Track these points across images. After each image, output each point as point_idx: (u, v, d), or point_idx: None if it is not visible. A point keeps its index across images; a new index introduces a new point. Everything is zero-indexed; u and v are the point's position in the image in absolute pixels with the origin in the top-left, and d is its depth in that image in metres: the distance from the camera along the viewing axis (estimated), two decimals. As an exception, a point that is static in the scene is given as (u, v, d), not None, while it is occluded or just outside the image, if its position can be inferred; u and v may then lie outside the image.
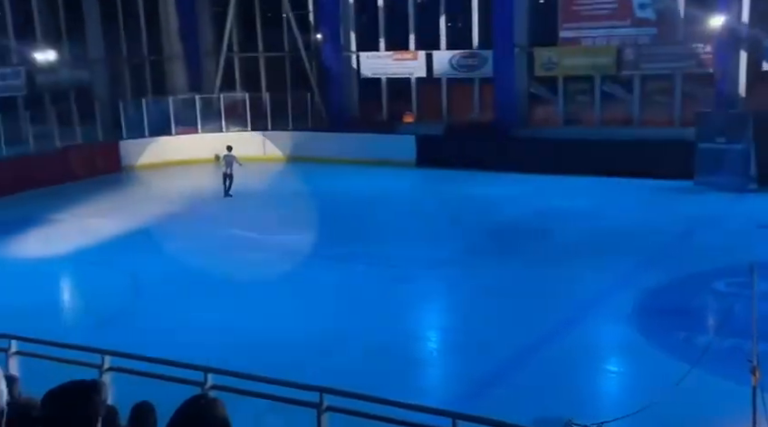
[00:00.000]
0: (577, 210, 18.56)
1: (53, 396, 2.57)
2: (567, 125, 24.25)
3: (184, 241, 16.71)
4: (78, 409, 2.58)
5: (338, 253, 15.55)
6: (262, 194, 21.37)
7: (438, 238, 16.63)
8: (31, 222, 18.61)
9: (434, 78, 25.82)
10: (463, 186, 21.39)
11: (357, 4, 26.93)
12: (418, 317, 12.98)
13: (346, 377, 9.56)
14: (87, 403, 2.62)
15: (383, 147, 24.73)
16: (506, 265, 14.68)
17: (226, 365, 7.42)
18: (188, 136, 25.95)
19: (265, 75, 28.83)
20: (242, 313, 12.38)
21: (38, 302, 12.99)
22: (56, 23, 25.57)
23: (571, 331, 11.68)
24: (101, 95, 26.41)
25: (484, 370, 10.39)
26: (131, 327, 11.74)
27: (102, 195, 21.66)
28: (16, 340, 7.46)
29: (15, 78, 23.91)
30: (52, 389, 2.58)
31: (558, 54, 23.76)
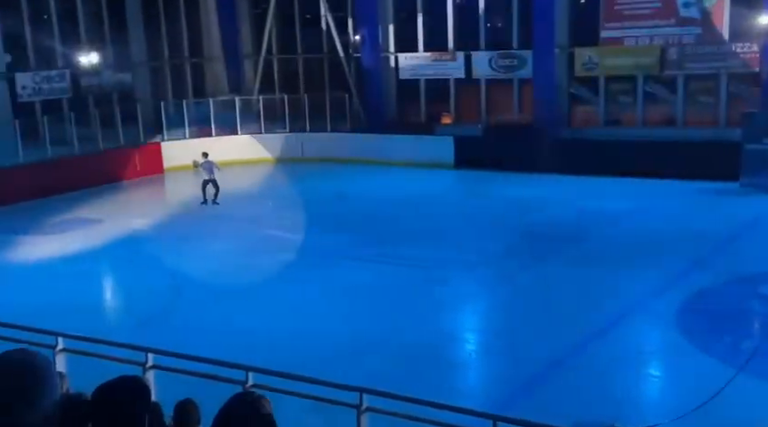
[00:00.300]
0: (618, 212, 18.32)
1: (104, 391, 2.59)
2: (608, 126, 23.95)
3: (222, 241, 16.86)
4: (127, 404, 2.59)
5: (375, 254, 15.54)
6: (299, 195, 21.45)
7: (477, 239, 16.54)
8: (75, 222, 18.94)
9: (472, 79, 25.69)
10: (501, 188, 21.25)
11: (395, 5, 26.93)
12: (456, 319, 12.91)
13: (384, 378, 9.55)
14: (136, 399, 2.64)
15: (421, 149, 24.69)
16: (546, 267, 14.54)
17: (265, 364, 7.45)
18: (228, 137, 26.18)
19: (304, 77, 28.98)
20: (280, 313, 12.44)
21: (82, 301, 13.20)
22: (100, 26, 25.99)
23: (613, 334, 11.52)
24: (143, 97, 26.78)
25: (524, 372, 10.30)
26: (171, 327, 11.86)
27: (144, 196, 21.96)
28: (63, 337, 7.57)
29: (61, 81, 24.36)
30: (102, 385, 2.60)
31: (599, 54, 23.49)
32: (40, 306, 12.26)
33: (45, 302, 12.67)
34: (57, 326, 8.22)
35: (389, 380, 9.29)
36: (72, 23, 25.13)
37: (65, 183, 22.04)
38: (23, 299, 12.76)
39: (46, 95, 24.03)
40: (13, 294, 13.25)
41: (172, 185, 24.11)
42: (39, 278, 14.59)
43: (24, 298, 12.85)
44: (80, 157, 23.14)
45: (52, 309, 12.00)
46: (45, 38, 24.40)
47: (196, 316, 12.41)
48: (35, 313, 11.14)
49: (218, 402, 2.90)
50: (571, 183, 21.20)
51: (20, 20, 23.68)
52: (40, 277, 14.64)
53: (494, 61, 25.14)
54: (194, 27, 28.96)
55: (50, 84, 24.14)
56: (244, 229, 17.94)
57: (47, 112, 23.84)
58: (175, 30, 28.42)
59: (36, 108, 23.97)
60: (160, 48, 28.02)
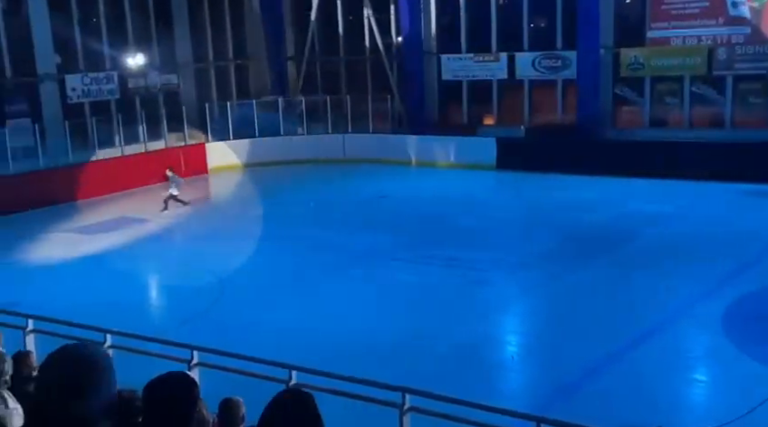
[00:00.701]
0: (664, 214, 18.05)
1: (155, 386, 2.65)
2: (653, 127, 23.61)
3: (265, 241, 17.01)
4: (177, 400, 2.65)
5: (417, 255, 15.55)
6: (342, 196, 21.57)
7: (519, 241, 16.45)
8: (122, 222, 19.29)
9: (515, 80, 25.55)
10: (544, 189, 21.08)
11: (438, 6, 26.91)
12: (498, 321, 12.86)
13: (426, 378, 9.55)
14: (186, 394, 2.69)
15: (463, 150, 24.63)
16: (589, 269, 14.40)
17: (308, 363, 7.52)
18: (270, 138, 26.43)
19: (346, 78, 29.12)
20: (322, 313, 12.52)
21: (128, 298, 13.46)
22: (147, 29, 26.44)
23: (658, 338, 11.36)
24: (188, 98, 27.17)
25: (566, 375, 10.22)
26: (215, 325, 12.01)
27: (188, 196, 22.26)
28: (110, 334, 7.73)
29: (108, 82, 24.84)
30: (153, 380, 2.66)
31: (645, 54, 23.17)
32: (88, 303, 12.53)
33: (93, 299, 12.94)
34: (104, 323, 8.41)
35: (431, 380, 9.30)
36: (119, 25, 25.61)
37: (111, 183, 22.47)
38: (72, 296, 13.05)
39: (94, 96, 24.53)
40: (62, 291, 13.56)
41: (216, 185, 24.41)
42: (86, 275, 14.90)
43: (72, 295, 13.14)
44: (125, 158, 23.58)
45: (99, 307, 12.25)
46: (94, 41, 24.91)
47: (240, 314, 12.55)
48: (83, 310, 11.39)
49: (261, 399, 2.94)
50: (616, 184, 20.95)
51: (70, 23, 24.21)
52: (87, 274, 14.95)
53: (537, 62, 24.96)
54: (238, 29, 29.30)
55: (98, 86, 24.62)
56: (287, 229, 18.08)
57: (95, 113, 24.34)
58: (219, 32, 28.78)
59: (85, 109, 24.47)
60: (205, 50, 28.40)
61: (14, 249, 16.63)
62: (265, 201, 20.74)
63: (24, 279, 14.35)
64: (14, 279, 13.94)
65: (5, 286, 12.55)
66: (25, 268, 15.29)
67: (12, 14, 23.02)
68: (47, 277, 14.70)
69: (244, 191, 22.77)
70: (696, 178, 20.41)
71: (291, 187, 22.75)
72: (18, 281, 13.94)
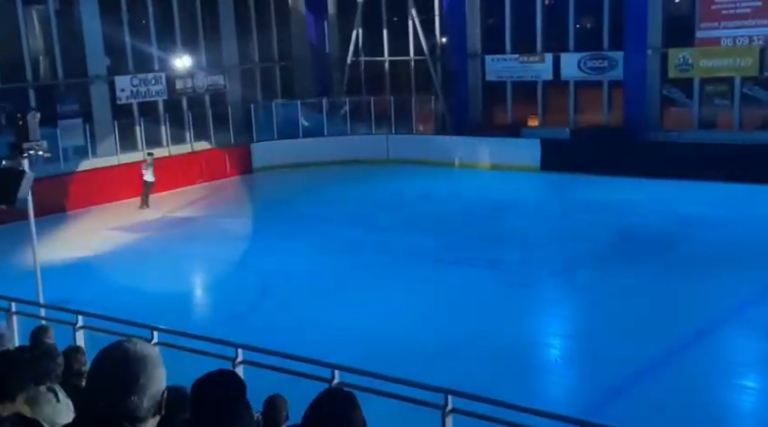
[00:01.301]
0: (713, 217, 17.71)
1: (203, 384, 2.70)
2: (702, 128, 23.16)
3: (308, 240, 17.11)
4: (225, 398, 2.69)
5: (461, 257, 15.51)
6: (385, 196, 21.59)
7: (564, 243, 16.28)
8: (167, 221, 19.59)
9: (561, 80, 25.31)
10: (589, 191, 20.85)
11: (483, 6, 26.78)
12: (543, 324, 12.76)
13: (468, 380, 9.51)
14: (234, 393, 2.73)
15: (507, 151, 24.47)
16: (634, 273, 14.19)
17: (352, 362, 7.54)
18: (315, 138, 26.61)
19: (390, 79, 29.16)
20: (365, 313, 12.55)
21: (175, 296, 13.67)
22: (194, 31, 26.81)
23: (704, 343, 11.15)
24: (234, 99, 27.49)
25: (611, 379, 10.09)
26: (259, 323, 12.13)
27: (234, 196, 22.54)
28: (157, 331, 7.85)
29: (157, 83, 25.26)
30: (202, 377, 2.70)
31: (695, 55, 22.75)
32: (134, 300, 12.75)
33: (140, 297, 13.17)
34: (150, 320, 8.55)
35: (474, 382, 9.26)
36: (167, 27, 26.01)
37: (158, 182, 22.83)
38: (120, 294, 13.29)
39: (143, 97, 24.95)
40: (111, 289, 13.82)
41: (260, 185, 24.65)
42: (133, 273, 15.15)
43: (120, 293, 13.38)
44: (172, 158, 23.93)
45: (147, 304, 12.46)
46: (143, 42, 25.35)
47: (283, 313, 12.65)
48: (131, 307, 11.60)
49: (304, 398, 2.95)
50: (663, 187, 20.60)
51: (119, 25, 24.68)
52: (133, 272, 15.20)
53: (583, 63, 24.69)
54: (283, 31, 29.53)
55: (146, 87, 25.04)
56: (330, 229, 18.17)
57: (144, 114, 24.77)
58: (265, 34, 29.05)
59: (134, 109, 24.92)
60: (251, 51, 28.69)
61: (65, 247, 16.99)
62: (309, 200, 20.86)
63: (75, 277, 14.65)
64: (65, 276, 14.24)
65: (57, 283, 12.84)
66: (75, 265, 15.61)
67: (64, 16, 23.53)
68: (96, 274, 15.00)
69: (288, 191, 22.91)
70: (746, 181, 19.97)
71: (334, 187, 22.84)
72: (69, 279, 14.24)
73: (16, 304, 8.75)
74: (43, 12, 23.18)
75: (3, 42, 22.22)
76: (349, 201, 21.21)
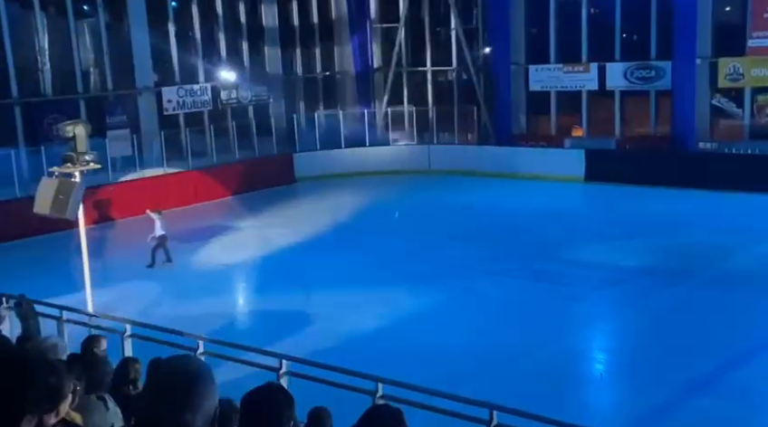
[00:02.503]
0: (762, 230, 17.28)
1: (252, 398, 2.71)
2: (754, 139, 22.66)
3: (351, 251, 17.13)
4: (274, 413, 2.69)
5: (505, 268, 15.38)
6: (427, 207, 21.52)
7: (610, 255, 16.03)
8: (214, 229, 19.78)
9: (606, 90, 25.01)
10: (636, 203, 20.52)
11: (527, 16, 26.63)
12: (588, 338, 12.57)
13: (513, 395, 9.40)
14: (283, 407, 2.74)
15: (550, 162, 24.26)
16: (683, 287, 13.93)
17: (395, 375, 7.50)
18: (357, 148, 26.69)
19: (432, 89, 29.14)
20: (409, 325, 12.50)
21: (220, 305, 13.79)
22: (239, 43, 27.17)
23: (755, 361, 10.87)
24: (277, 110, 27.74)
25: (657, 396, 9.89)
26: (305, 334, 12.16)
27: (278, 206, 22.68)
28: (202, 340, 7.91)
29: (202, 94, 25.63)
30: (251, 392, 2.71)
31: (745, 64, 22.30)
32: (181, 310, 12.90)
33: (188, 306, 13.32)
34: (195, 329, 8.62)
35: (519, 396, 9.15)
36: (213, 40, 26.40)
37: (203, 192, 23.12)
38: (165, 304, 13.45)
39: (189, 108, 25.33)
40: (156, 298, 14.00)
41: (303, 194, 24.78)
42: (182, 282, 15.32)
43: (166, 303, 13.55)
44: (216, 167, 24.22)
45: (193, 313, 12.59)
46: (189, 54, 25.77)
47: (328, 324, 12.66)
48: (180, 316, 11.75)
49: (348, 410, 2.94)
50: (712, 198, 20.20)
51: (167, 37, 25.12)
52: (183, 281, 15.37)
53: (629, 73, 24.38)
54: (326, 41, 29.74)
55: (192, 98, 25.42)
56: (373, 240, 18.17)
57: (189, 124, 25.13)
58: (308, 45, 29.29)
59: (180, 120, 25.30)
60: (294, 63, 28.94)
61: (114, 255, 17.25)
62: (352, 211, 20.91)
63: (125, 285, 14.84)
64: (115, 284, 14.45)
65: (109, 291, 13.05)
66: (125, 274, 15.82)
67: (113, 29, 24.04)
68: (146, 283, 15.19)
69: (331, 201, 23.00)
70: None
71: (376, 197, 22.86)
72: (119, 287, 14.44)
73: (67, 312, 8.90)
74: (94, 25, 23.73)
75: (55, 54, 22.76)
76: (390, 211, 21.14)
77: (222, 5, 26.44)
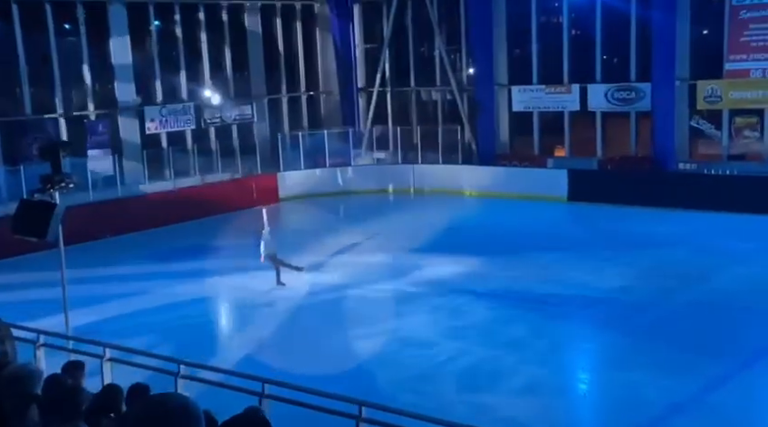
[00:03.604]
0: (741, 251, 17.42)
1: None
2: (732, 160, 22.91)
3: (331, 272, 17.07)
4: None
5: (488, 289, 15.37)
6: (410, 226, 21.52)
7: (591, 276, 16.07)
8: (195, 249, 19.63)
9: (588, 111, 25.24)
10: (617, 223, 20.65)
11: (510, 37, 26.85)
12: (571, 358, 12.58)
13: (496, 414, 9.40)
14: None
15: (533, 182, 24.38)
16: (665, 308, 14.00)
17: (377, 398, 7.48)
18: (341, 168, 26.72)
19: (416, 109, 29.27)
20: (393, 344, 12.46)
21: (197, 328, 13.69)
22: (222, 62, 27.18)
23: (740, 379, 10.93)
24: (261, 129, 27.73)
25: (637, 417, 9.90)
26: (287, 354, 12.10)
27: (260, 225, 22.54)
28: (183, 364, 7.84)
29: (185, 113, 25.58)
30: (228, 421, 2.68)
31: (723, 87, 22.58)
32: (158, 331, 12.78)
33: (165, 326, 13.21)
34: (176, 352, 8.55)
35: (504, 417, 9.14)
36: (196, 58, 26.39)
37: (189, 211, 23.00)
38: (142, 325, 13.33)
39: (171, 127, 25.26)
40: (134, 319, 13.88)
41: (287, 214, 24.71)
42: (160, 305, 15.19)
43: (142, 325, 13.43)
44: (200, 187, 24.12)
45: (172, 333, 12.49)
46: (172, 73, 25.73)
47: (308, 346, 12.59)
48: (153, 339, 11.64)
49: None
50: (692, 219, 20.37)
51: (149, 56, 25.09)
52: (161, 304, 15.24)
53: (610, 94, 24.62)
54: (310, 61, 29.82)
55: (175, 117, 25.36)
56: (352, 258, 18.12)
57: (172, 144, 25.05)
58: (292, 64, 29.35)
59: (162, 139, 25.22)
60: (278, 82, 28.99)
61: (90, 276, 17.09)
62: (330, 229, 20.92)
63: (100, 308, 14.70)
64: (90, 305, 14.30)
65: (86, 312, 12.93)
66: (102, 295, 15.68)
67: (94, 48, 23.94)
68: (122, 305, 15.04)
69: (315, 220, 22.97)
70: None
71: (360, 216, 22.85)
72: (95, 309, 14.30)
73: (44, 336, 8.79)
74: (75, 43, 23.64)
75: (34, 73, 22.65)
76: (372, 231, 21.10)
77: (205, 24, 26.47)
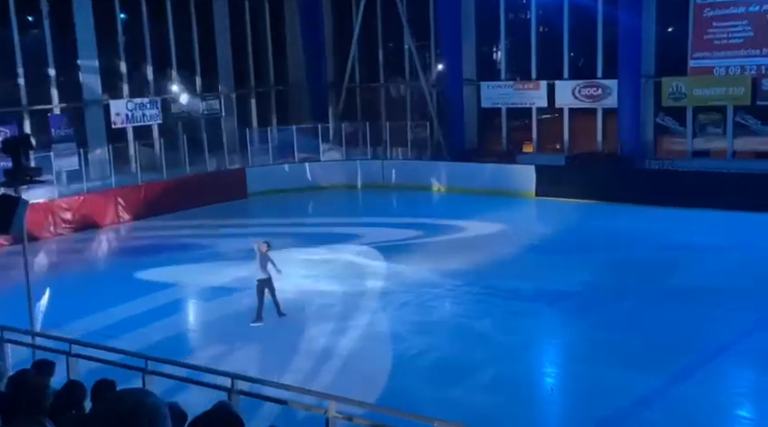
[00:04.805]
0: (706, 246, 17.72)
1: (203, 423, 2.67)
2: (696, 157, 23.29)
3: (297, 267, 17.05)
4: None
5: (454, 285, 15.45)
6: (379, 222, 21.55)
7: (558, 272, 16.23)
8: (162, 247, 19.48)
9: (555, 108, 25.47)
10: (584, 218, 20.87)
11: (478, 34, 26.98)
12: (539, 352, 12.69)
13: (463, 409, 9.46)
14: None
15: (502, 177, 24.53)
16: (629, 302, 14.17)
17: (344, 391, 7.49)
18: (310, 163, 26.67)
19: (386, 105, 29.29)
20: (360, 341, 12.48)
21: (168, 324, 13.58)
22: (190, 56, 26.93)
23: (700, 374, 11.09)
24: (230, 124, 27.54)
25: (607, 409, 10.02)
26: (255, 350, 12.04)
27: (230, 220, 22.46)
28: (150, 360, 7.78)
29: (153, 107, 25.31)
30: (201, 417, 2.68)
31: (688, 84, 22.93)
32: (125, 328, 12.65)
33: (131, 323, 13.08)
34: (148, 349, 8.47)
35: (469, 413, 9.20)
36: (164, 53, 26.11)
37: (152, 207, 22.79)
38: (101, 320, 13.19)
39: (138, 121, 24.98)
40: (91, 314, 13.72)
41: (255, 209, 24.60)
42: (124, 299, 15.03)
43: (103, 320, 13.29)
44: (166, 182, 23.90)
45: (136, 331, 12.37)
46: (139, 67, 25.44)
47: (276, 342, 12.56)
48: (115, 333, 11.53)
49: None
50: (657, 214, 20.65)
51: (116, 50, 24.77)
52: (125, 299, 15.08)
53: (577, 91, 24.86)
54: (279, 56, 29.69)
55: (142, 111, 25.08)
56: (318, 254, 18.09)
57: (138, 138, 24.76)
58: (261, 59, 29.20)
59: (128, 134, 24.93)
60: (247, 76, 28.81)
61: (56, 270, 16.88)
62: (297, 225, 20.86)
63: (65, 301, 14.52)
64: (54, 299, 14.14)
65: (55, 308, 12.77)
66: (67, 287, 15.48)
67: (59, 40, 23.59)
68: (90, 300, 14.87)
69: (281, 216, 22.90)
70: (739, 210, 20.04)
71: (327, 211, 22.83)
72: (61, 301, 14.13)
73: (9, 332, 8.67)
74: (39, 36, 23.25)
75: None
76: (342, 226, 21.10)
77: (173, 18, 26.21)
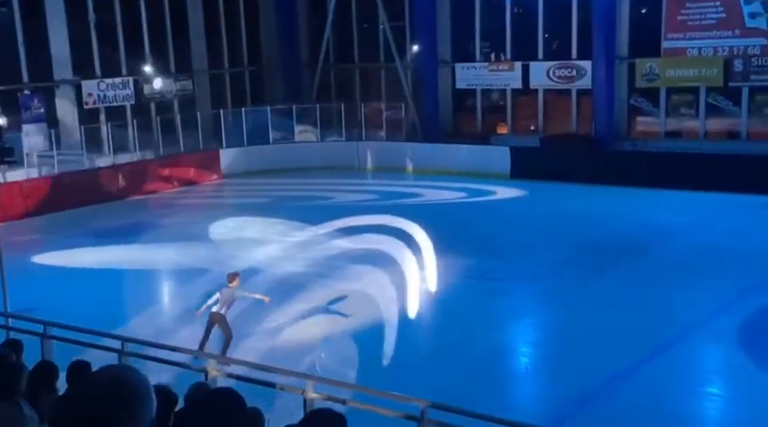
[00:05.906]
0: (678, 226, 17.95)
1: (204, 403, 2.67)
2: (669, 138, 23.52)
3: (272, 245, 17.02)
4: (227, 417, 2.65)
5: (428, 264, 15.50)
6: (352, 203, 21.55)
7: (535, 251, 16.38)
8: (140, 227, 19.33)
9: (530, 89, 25.54)
10: (558, 199, 21.01)
11: (453, 15, 26.92)
12: (513, 332, 12.83)
13: (438, 389, 9.53)
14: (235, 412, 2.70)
15: (477, 159, 24.58)
16: (603, 282, 14.34)
17: (327, 373, 7.54)
18: (285, 145, 26.54)
19: (360, 86, 29.17)
20: (340, 322, 12.51)
21: (141, 307, 13.50)
22: (163, 35, 26.57)
23: (675, 351, 11.31)
24: (203, 105, 27.28)
25: (579, 388, 10.17)
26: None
27: (204, 202, 22.35)
28: (128, 342, 7.75)
29: (125, 88, 24.99)
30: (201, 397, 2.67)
31: (661, 65, 23.10)
32: (108, 309, 12.58)
33: (114, 306, 13.00)
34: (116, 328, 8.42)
35: (445, 390, 9.28)
36: (136, 32, 25.75)
37: (129, 188, 22.59)
38: (81, 303, 13.09)
39: (110, 102, 24.67)
40: (71, 297, 13.61)
41: (230, 191, 24.47)
42: (101, 281, 14.92)
43: (83, 303, 13.18)
44: (140, 163, 23.68)
45: (109, 313, 12.30)
46: (110, 47, 25.06)
47: (249, 324, 12.55)
48: (99, 317, 11.45)
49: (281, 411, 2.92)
50: (630, 195, 20.85)
51: (87, 29, 24.37)
52: (102, 280, 14.97)
53: (552, 72, 24.93)
54: (253, 36, 29.41)
55: (114, 91, 24.76)
56: (292, 235, 18.08)
57: (111, 119, 24.48)
58: (235, 39, 28.90)
59: (101, 114, 24.62)
60: (220, 57, 28.53)
61: (26, 251, 16.70)
62: (270, 208, 20.81)
63: (41, 285, 14.39)
64: (31, 284, 13.99)
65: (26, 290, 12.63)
66: (35, 272, 15.32)
67: (29, 19, 23.17)
68: (62, 282, 14.74)
69: (259, 196, 22.81)
70: (712, 190, 20.30)
71: (304, 194, 22.77)
72: (35, 286, 14.00)
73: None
74: (8, 15, 22.81)
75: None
76: (317, 208, 21.07)
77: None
